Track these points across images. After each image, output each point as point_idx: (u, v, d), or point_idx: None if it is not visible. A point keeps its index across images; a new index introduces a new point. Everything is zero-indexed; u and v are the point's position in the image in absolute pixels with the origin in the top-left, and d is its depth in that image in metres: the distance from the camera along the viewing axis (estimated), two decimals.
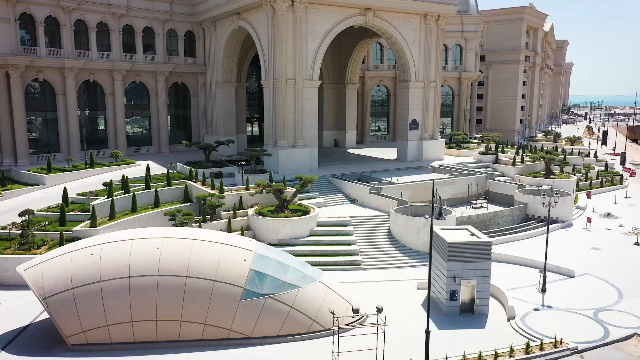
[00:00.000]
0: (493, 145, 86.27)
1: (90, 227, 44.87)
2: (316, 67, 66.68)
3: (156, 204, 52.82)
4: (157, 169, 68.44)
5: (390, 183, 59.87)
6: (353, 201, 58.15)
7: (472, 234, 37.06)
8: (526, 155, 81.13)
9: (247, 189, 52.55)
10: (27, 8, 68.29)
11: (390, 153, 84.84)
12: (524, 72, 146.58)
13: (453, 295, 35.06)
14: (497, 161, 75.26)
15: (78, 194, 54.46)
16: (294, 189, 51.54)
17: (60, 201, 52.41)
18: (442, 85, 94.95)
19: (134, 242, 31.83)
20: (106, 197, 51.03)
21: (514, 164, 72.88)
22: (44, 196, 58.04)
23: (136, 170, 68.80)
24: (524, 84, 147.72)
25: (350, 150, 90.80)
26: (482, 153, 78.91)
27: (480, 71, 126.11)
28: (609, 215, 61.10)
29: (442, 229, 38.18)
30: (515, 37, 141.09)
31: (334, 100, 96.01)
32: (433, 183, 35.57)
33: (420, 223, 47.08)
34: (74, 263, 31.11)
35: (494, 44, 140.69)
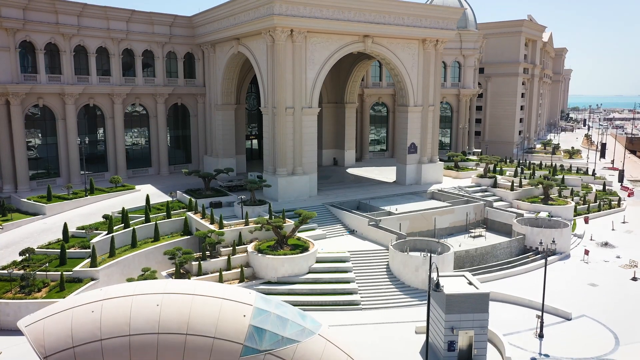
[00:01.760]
0: (492, 166, 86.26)
1: (90, 266, 45.19)
2: (315, 95, 66.99)
3: (156, 238, 53.16)
4: (156, 196, 68.78)
5: (389, 213, 60.12)
6: (352, 232, 58.44)
7: (470, 283, 37.35)
8: (525, 178, 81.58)
9: (246, 223, 52.82)
10: (27, 36, 68.54)
11: (389, 173, 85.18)
12: (523, 84, 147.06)
13: (451, 346, 35.35)
14: (495, 185, 75.57)
15: (78, 228, 54.72)
16: (293, 224, 51.79)
17: (60, 234, 52.82)
18: (441, 102, 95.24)
19: (134, 299, 31.97)
20: (106, 232, 51.29)
21: (512, 189, 73.21)
22: (44, 227, 58.42)
23: (136, 196, 69.18)
24: (522, 96, 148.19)
25: (350, 170, 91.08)
26: (481, 176, 79.17)
27: (479, 83, 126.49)
28: (606, 244, 61.39)
29: (440, 277, 38.40)
30: (514, 50, 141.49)
31: (333, 119, 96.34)
32: (433, 244, 35.82)
33: (418, 261, 47.36)
34: (75, 320, 31.25)
35: (492, 56, 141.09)
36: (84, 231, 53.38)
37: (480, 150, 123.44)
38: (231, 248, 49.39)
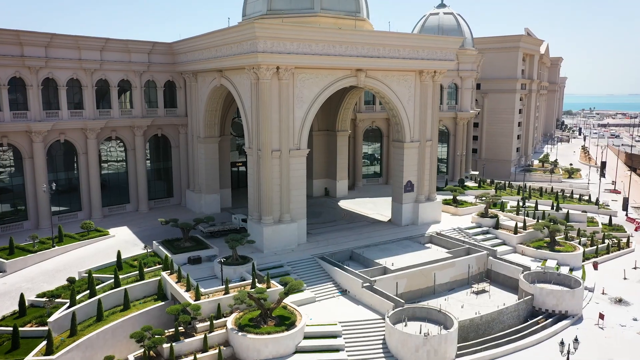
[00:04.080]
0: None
1: (45, 354, 39.55)
2: (304, 135, 61.62)
3: (126, 306, 47.54)
4: (131, 244, 63.42)
5: (385, 270, 54.85)
6: (344, 292, 53.11)
7: None
8: (527, 215, 77.01)
9: (226, 291, 47.32)
10: None
11: (383, 206, 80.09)
12: (520, 99, 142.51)
13: None
14: (497, 226, 70.55)
15: (38, 295, 49.04)
16: (278, 293, 46.30)
17: (19, 295, 46.80)
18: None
19: None
20: (67, 305, 45.55)
21: (515, 232, 68.21)
22: (2, 289, 52.87)
23: (109, 244, 63.78)
24: (520, 112, 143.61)
25: (342, 203, 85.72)
26: (481, 215, 74.07)
27: (475, 100, 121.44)
28: (620, 301, 56.52)
29: None
30: (511, 66, 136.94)
31: (324, 147, 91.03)
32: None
33: (418, 341, 42.12)
34: None
35: (489, 72, 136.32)
36: (44, 299, 47.63)
37: (477, 172, 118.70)
38: (208, 323, 43.87)
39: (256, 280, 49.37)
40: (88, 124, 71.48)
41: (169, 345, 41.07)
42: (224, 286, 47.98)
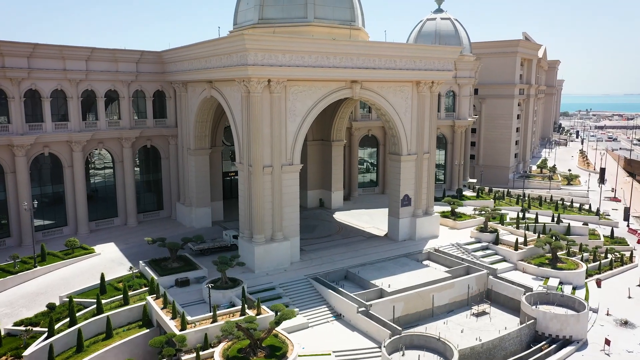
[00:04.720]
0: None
1: None
2: (297, 150, 59.21)
3: (108, 334, 45.12)
4: (117, 263, 60.88)
5: (381, 293, 52.52)
6: (339, 316, 50.78)
7: None
8: (527, 228, 74.94)
9: (214, 319, 44.88)
10: None
11: (380, 219, 77.99)
12: (519, 105, 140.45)
13: None
14: (497, 241, 68.36)
15: (15, 323, 46.46)
16: (268, 323, 43.91)
17: None
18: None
19: None
20: (45, 336, 43.02)
21: (516, 248, 66.01)
22: None
23: (94, 263, 61.31)
24: (518, 118, 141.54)
25: (337, 216, 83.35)
26: (481, 229, 71.79)
27: (473, 105, 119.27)
28: (626, 323, 54.32)
29: None
30: (509, 71, 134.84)
31: (319, 158, 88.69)
32: None
33: None
34: None
35: (487, 77, 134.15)
36: (21, 328, 45.10)
37: (475, 180, 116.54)
38: (194, 355, 41.42)
39: (246, 305, 47.01)
40: (73, 136, 68.91)
41: None
42: (211, 313, 45.52)
